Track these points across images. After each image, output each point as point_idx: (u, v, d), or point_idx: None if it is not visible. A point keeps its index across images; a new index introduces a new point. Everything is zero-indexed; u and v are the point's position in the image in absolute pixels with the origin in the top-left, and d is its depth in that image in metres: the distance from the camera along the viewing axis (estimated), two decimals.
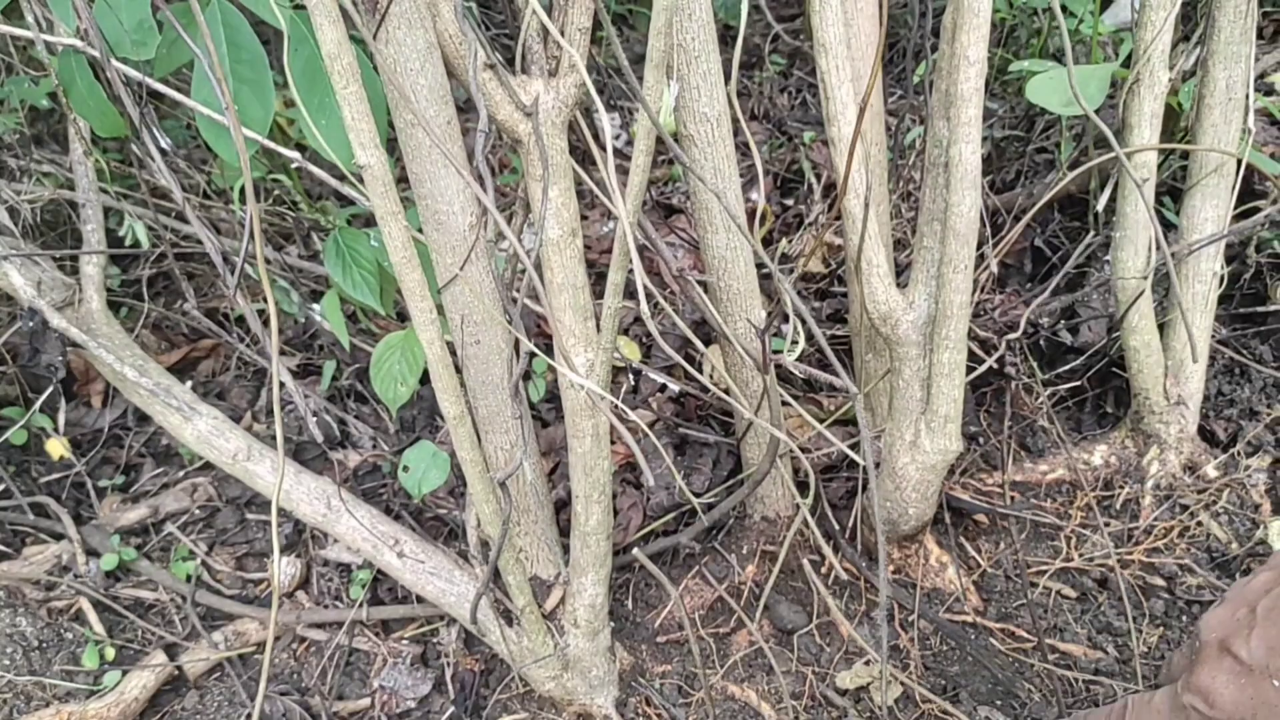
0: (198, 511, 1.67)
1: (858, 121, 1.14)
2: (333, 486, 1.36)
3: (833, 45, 1.18)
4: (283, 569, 1.55)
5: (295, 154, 1.25)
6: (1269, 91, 1.95)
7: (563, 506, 1.53)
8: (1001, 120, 1.96)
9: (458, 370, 1.13)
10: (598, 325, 1.11)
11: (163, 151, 1.09)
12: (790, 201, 2.06)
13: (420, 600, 1.48)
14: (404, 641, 1.49)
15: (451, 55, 1.01)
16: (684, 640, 1.45)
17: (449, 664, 1.45)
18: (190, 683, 1.46)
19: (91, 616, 1.49)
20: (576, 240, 1.10)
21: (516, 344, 1.03)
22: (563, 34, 1.01)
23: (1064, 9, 1.98)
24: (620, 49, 0.95)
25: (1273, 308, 1.69)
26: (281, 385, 1.76)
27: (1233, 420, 1.60)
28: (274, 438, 1.47)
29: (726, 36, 2.69)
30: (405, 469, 1.29)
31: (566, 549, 1.42)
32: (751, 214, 2.06)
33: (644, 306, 1.01)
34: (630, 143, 2.42)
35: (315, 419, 1.57)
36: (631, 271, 1.08)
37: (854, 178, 1.23)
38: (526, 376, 1.16)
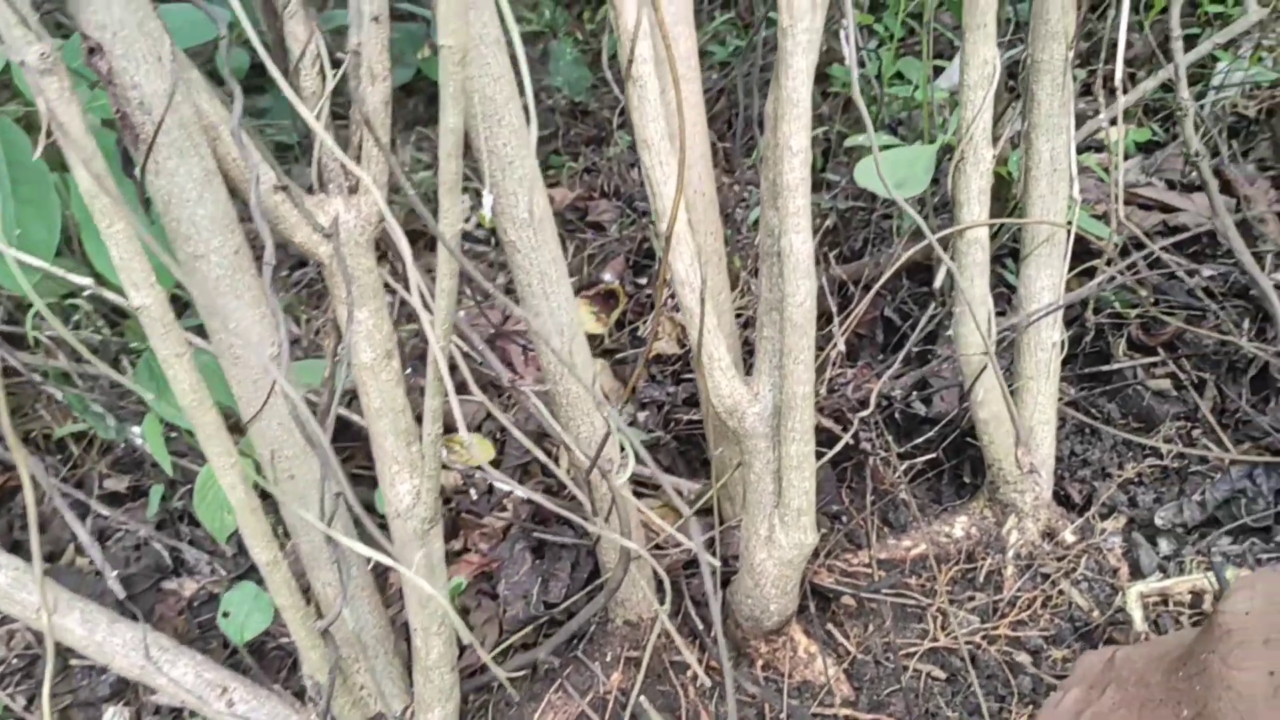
0: (15, 661, 1.53)
1: (674, 215, 1.11)
2: (152, 634, 1.25)
3: (655, 141, 1.14)
4: (110, 719, 1.43)
5: (87, 281, 1.16)
6: (1100, 148, 2.00)
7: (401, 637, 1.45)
8: (845, 191, 1.97)
9: (274, 509, 1.05)
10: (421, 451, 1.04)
11: None
12: (643, 281, 2.03)
13: None
14: None
15: (237, 179, 0.94)
16: None
17: None
18: None
19: None
20: (393, 362, 1.03)
21: (326, 484, 0.96)
22: (359, 154, 0.96)
23: (899, 75, 2.01)
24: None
25: (1116, 366, 1.72)
26: (103, 517, 1.64)
27: (1086, 482, 1.60)
28: (99, 572, 1.35)
29: (575, 111, 2.67)
30: (225, 614, 1.19)
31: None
32: (606, 294, 2.03)
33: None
34: (479, 224, 2.37)
35: (139, 550, 1.46)
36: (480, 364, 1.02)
37: (688, 273, 1.19)
38: (368, 512, 1.08)
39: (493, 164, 1.09)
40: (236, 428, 1.62)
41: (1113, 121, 1.55)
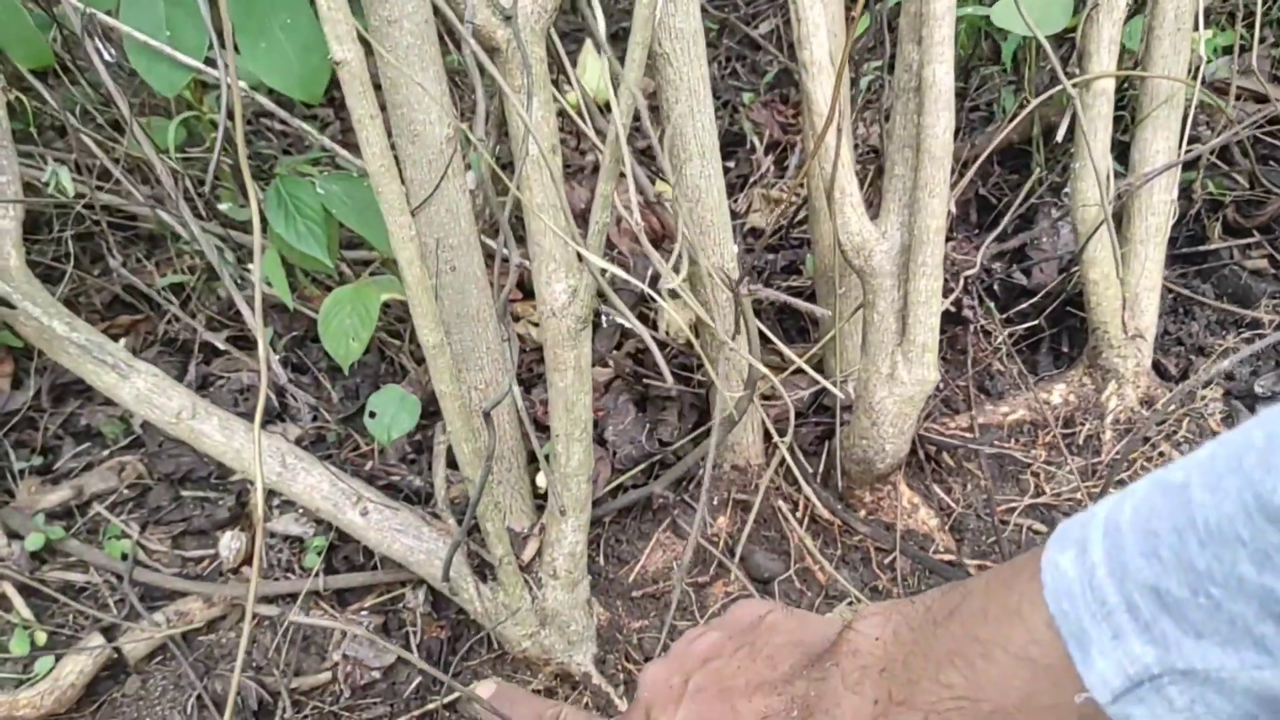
0: (126, 491, 1.56)
1: (847, 42, 1.12)
2: (286, 444, 1.28)
3: None
4: (228, 544, 1.45)
5: (241, 82, 1.17)
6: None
7: (530, 459, 1.47)
8: None
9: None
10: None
11: (106, 64, 1.00)
12: (730, 164, 2.04)
13: (381, 566, 1.40)
14: (363, 612, 1.40)
15: None
16: (660, 594, 1.40)
17: (414, 632, 1.37)
18: (130, 667, 1.35)
19: (17, 601, 1.37)
20: (557, 158, 1.05)
21: (505, 261, 0.97)
22: None
23: None
24: None
25: (1211, 247, 1.73)
26: (206, 364, 1.66)
27: (1183, 356, 1.62)
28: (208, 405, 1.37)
29: None
30: (372, 415, 1.22)
31: (539, 502, 1.36)
32: None
33: (636, 212, 0.97)
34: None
35: (281, 370, 1.47)
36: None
37: (826, 104, 1.20)
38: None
39: None
40: (340, 279, 1.64)
41: None
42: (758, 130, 2.00)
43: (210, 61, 1.15)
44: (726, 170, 2.02)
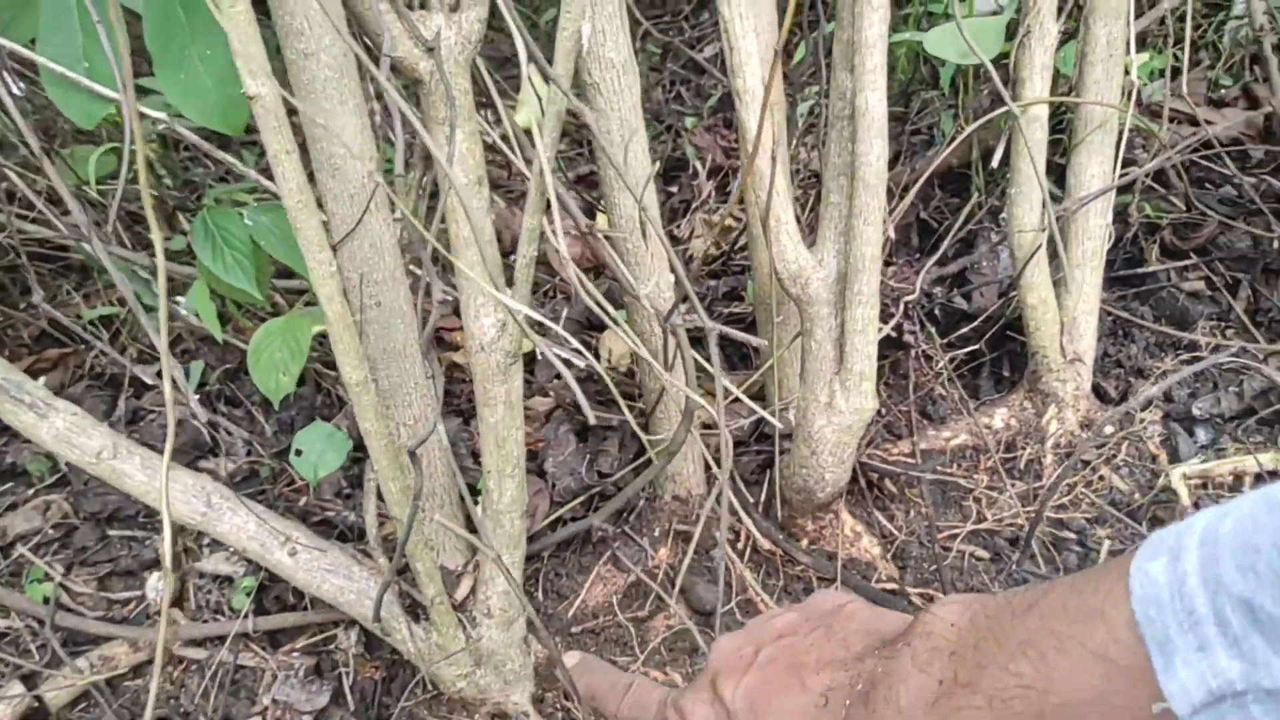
0: (51, 531, 1.51)
1: (772, 72, 1.11)
2: (213, 484, 1.24)
3: None
4: (155, 585, 1.41)
5: (160, 114, 1.14)
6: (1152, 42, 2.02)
7: (462, 497, 1.44)
8: None
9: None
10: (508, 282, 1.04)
11: (15, 97, 0.97)
12: (673, 189, 2.03)
13: (313, 605, 1.36)
14: (295, 653, 1.37)
15: None
16: (600, 629, 1.38)
17: (347, 673, 1.34)
18: (52, 715, 1.30)
19: None
20: (484, 189, 1.03)
21: (427, 294, 0.95)
22: None
23: None
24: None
25: (1149, 269, 1.74)
26: (136, 397, 1.62)
27: (1122, 379, 1.63)
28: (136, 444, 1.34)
29: None
30: (298, 452, 1.18)
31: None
32: None
33: (562, 249, 0.95)
34: None
35: (200, 409, 1.44)
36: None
37: (760, 133, 1.19)
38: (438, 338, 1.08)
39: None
40: (274, 310, 1.60)
41: (1162, 20, 1.57)
42: (700, 155, 1.99)
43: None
44: (669, 195, 2.02)
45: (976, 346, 1.67)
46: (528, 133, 1.85)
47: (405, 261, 1.05)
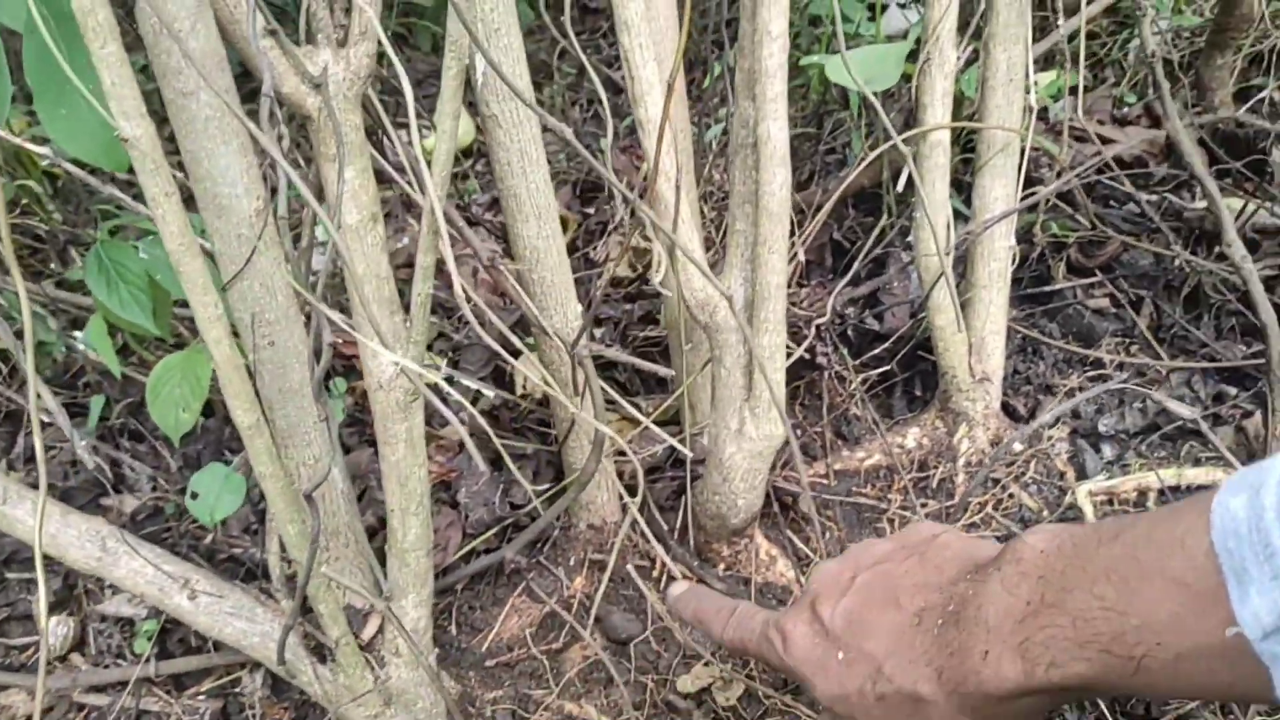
0: None
1: (667, 99, 1.11)
2: (108, 527, 1.21)
3: (635, 22, 1.14)
4: (53, 630, 1.37)
5: (43, 149, 1.11)
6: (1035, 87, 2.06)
7: (373, 534, 1.42)
8: (792, 120, 1.99)
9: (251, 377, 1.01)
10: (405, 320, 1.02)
11: None
12: (591, 210, 2.02)
13: (218, 648, 1.33)
14: (200, 697, 1.33)
15: (226, 19, 0.91)
16: (515, 662, 1.36)
17: (254, 715, 1.30)
18: None
19: None
20: (378, 226, 1.01)
21: (318, 339, 0.93)
22: (348, 4, 0.94)
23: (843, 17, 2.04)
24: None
25: (1055, 287, 1.77)
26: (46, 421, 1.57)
27: (1030, 395, 1.65)
28: (35, 486, 1.30)
29: None
30: (194, 496, 1.16)
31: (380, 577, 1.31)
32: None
33: (458, 287, 0.94)
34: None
35: (87, 455, 1.40)
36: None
37: (664, 161, 1.19)
38: (328, 380, 1.06)
39: (480, 30, 1.08)
40: (178, 344, 1.57)
41: (1071, 37, 1.60)
42: (617, 176, 1.99)
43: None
44: (586, 216, 2.01)
45: (889, 367, 1.68)
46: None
47: (300, 301, 1.03)
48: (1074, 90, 1.73)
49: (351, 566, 1.23)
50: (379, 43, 0.94)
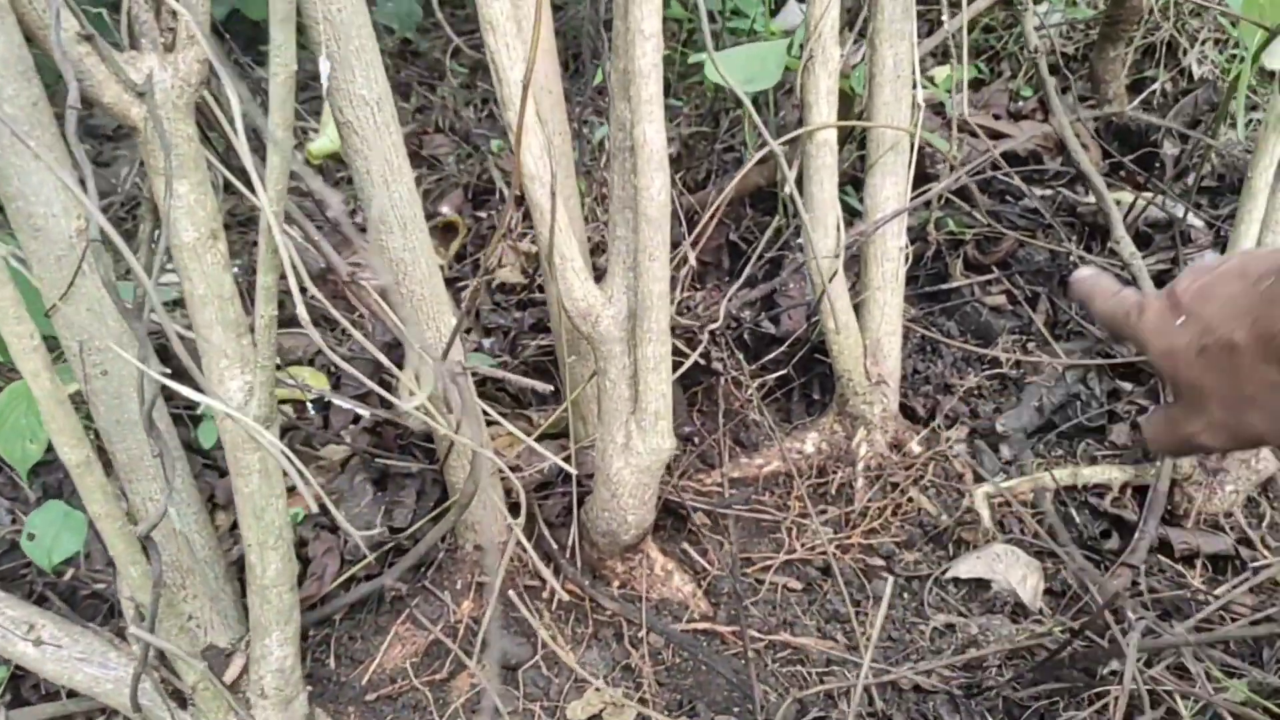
0: None
1: (523, 101, 1.05)
2: None
3: (500, 22, 1.08)
4: None
5: None
6: (929, 82, 2.04)
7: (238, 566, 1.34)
8: (688, 118, 1.95)
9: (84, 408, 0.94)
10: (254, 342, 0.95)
11: None
12: (483, 214, 1.95)
13: (72, 694, 1.24)
14: None
15: (33, 24, 0.83)
16: (397, 694, 1.29)
17: None
18: None
19: None
20: (219, 244, 0.94)
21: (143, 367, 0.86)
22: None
23: (735, 12, 2.01)
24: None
25: (953, 285, 1.75)
26: None
27: (929, 395, 1.63)
28: None
29: (405, 53, 2.57)
30: (31, 537, 1.07)
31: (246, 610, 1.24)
32: (445, 227, 1.95)
33: (302, 313, 0.87)
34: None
35: None
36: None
37: (538, 167, 1.13)
38: (194, 414, 0.98)
39: (328, 31, 1.01)
40: None
41: (985, 29, 1.57)
42: (507, 179, 1.93)
43: None
44: (478, 220, 1.94)
45: (786, 370, 1.65)
46: (334, 158, 1.75)
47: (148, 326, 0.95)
48: (966, 85, 1.71)
49: (211, 604, 1.15)
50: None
